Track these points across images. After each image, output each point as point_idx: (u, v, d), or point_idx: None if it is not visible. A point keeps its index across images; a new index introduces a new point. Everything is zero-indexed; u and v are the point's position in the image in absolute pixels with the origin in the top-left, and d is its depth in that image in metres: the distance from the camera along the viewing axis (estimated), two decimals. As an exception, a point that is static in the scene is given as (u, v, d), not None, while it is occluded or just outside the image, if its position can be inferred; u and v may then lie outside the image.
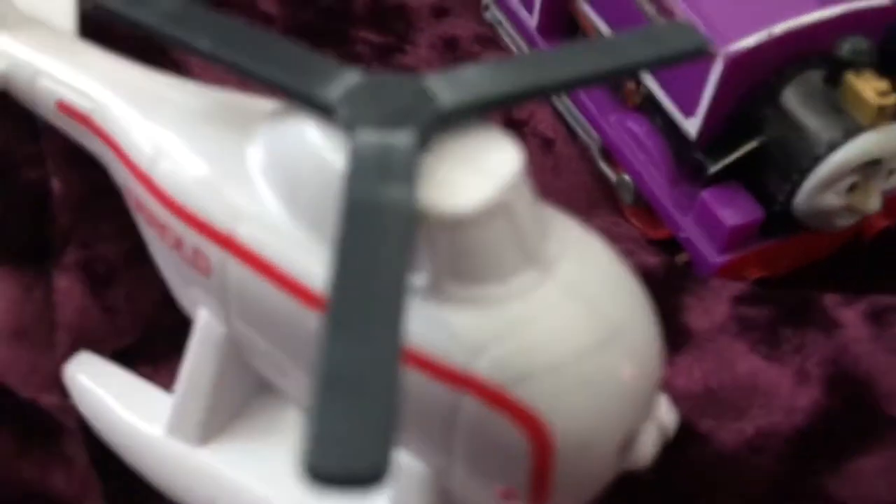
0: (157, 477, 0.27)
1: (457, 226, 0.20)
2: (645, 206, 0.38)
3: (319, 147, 0.21)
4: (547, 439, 0.21)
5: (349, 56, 0.42)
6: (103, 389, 0.28)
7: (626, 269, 0.23)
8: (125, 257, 0.32)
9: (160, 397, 0.28)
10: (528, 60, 0.22)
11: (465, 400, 0.21)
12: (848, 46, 0.31)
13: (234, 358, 0.26)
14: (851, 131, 0.31)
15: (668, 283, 0.32)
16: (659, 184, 0.36)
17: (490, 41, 0.44)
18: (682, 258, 0.36)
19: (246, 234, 0.23)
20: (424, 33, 0.44)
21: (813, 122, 0.32)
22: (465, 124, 0.22)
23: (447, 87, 0.21)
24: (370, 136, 0.20)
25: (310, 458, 0.15)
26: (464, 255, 0.21)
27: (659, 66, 0.29)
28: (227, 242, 0.23)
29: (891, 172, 0.33)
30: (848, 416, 0.28)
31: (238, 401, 0.27)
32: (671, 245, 0.37)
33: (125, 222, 0.28)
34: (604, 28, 0.37)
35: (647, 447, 0.23)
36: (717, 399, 0.30)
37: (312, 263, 0.22)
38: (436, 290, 0.21)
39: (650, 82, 0.35)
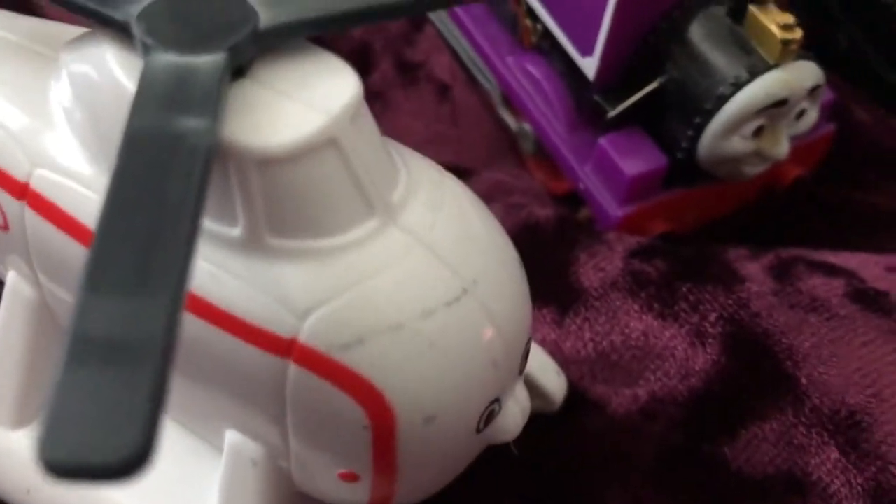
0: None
1: (272, 165, 0.18)
2: (548, 158, 0.35)
3: (116, 75, 0.18)
4: (386, 411, 0.18)
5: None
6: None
7: (490, 219, 0.21)
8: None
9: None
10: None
11: (290, 369, 0.18)
12: (752, -25, 0.29)
13: (50, 326, 0.23)
14: (757, 69, 0.29)
15: (559, 237, 0.30)
16: (558, 131, 0.34)
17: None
18: (584, 214, 0.34)
19: (41, 181, 0.20)
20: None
21: (716, 60, 0.30)
22: (293, 48, 0.19)
23: (267, 4, 0.18)
24: (166, 59, 0.17)
25: (42, 447, 0.12)
26: (284, 200, 0.18)
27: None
28: (21, 192, 0.20)
29: (799, 115, 0.30)
30: (746, 377, 0.26)
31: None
32: (576, 200, 0.34)
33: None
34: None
35: (514, 418, 0.21)
36: (610, 363, 0.27)
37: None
38: (254, 243, 0.18)
39: (547, 19, 0.33)
